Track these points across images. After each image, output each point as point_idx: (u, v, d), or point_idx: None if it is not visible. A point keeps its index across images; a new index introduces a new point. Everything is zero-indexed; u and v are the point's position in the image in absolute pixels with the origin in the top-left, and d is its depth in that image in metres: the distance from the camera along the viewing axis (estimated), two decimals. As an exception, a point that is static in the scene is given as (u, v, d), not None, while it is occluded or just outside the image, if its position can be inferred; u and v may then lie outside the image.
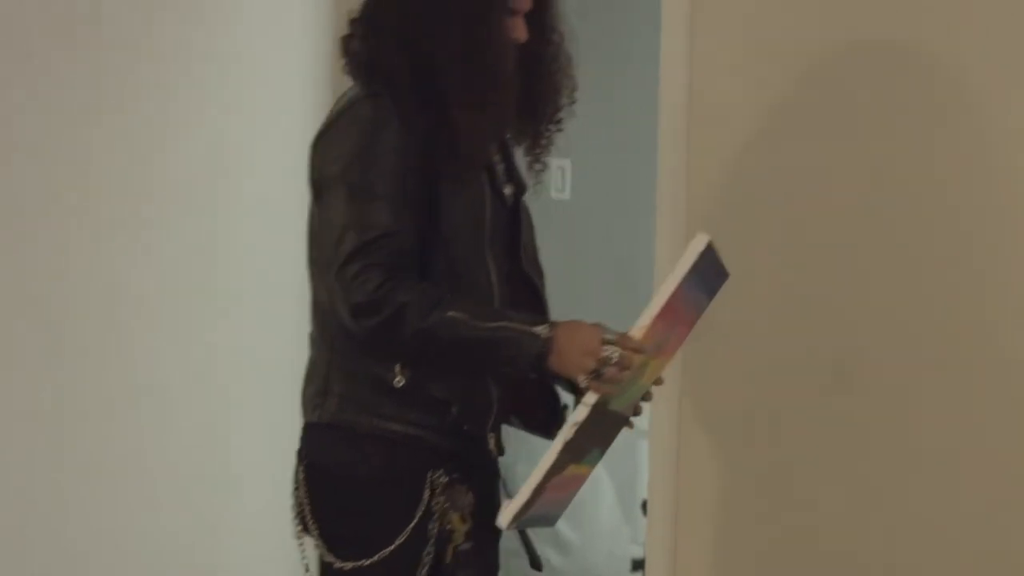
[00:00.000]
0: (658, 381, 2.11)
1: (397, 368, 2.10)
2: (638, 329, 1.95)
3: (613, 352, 1.95)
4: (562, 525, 3.91)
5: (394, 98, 2.10)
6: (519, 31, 2.15)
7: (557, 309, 1.99)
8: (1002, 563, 2.45)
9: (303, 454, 2.16)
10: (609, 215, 3.90)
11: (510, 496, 2.01)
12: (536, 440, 2.26)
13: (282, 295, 2.86)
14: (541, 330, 2.02)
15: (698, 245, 1.91)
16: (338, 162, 2.10)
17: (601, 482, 3.85)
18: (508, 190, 2.23)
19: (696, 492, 2.74)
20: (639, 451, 3.72)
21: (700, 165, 2.67)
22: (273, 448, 2.48)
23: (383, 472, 2.13)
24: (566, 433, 1.96)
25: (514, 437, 2.27)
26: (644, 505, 3.66)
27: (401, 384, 2.11)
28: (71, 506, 2.71)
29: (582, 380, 1.97)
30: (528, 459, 4.03)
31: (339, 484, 2.16)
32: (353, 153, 2.09)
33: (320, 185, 2.12)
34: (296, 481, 2.16)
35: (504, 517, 1.95)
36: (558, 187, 4.01)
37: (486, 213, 2.16)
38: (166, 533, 2.90)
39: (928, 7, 2.46)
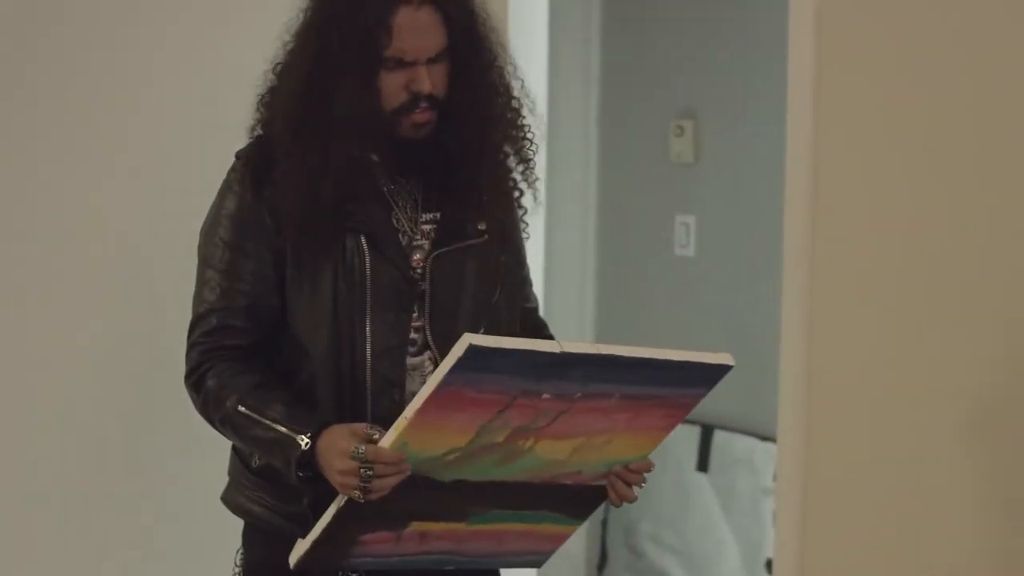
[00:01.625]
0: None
1: None
2: (386, 438, 1.81)
3: (365, 472, 1.80)
4: (686, 584, 3.90)
5: (247, 159, 2.05)
6: (419, 82, 1.97)
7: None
8: None
9: None
10: (735, 273, 3.87)
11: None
12: (666, 501, 2.20)
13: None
14: (303, 438, 1.89)
15: (458, 349, 1.73)
16: (201, 231, 2.08)
17: (725, 541, 3.82)
18: (419, 254, 2.05)
19: (823, 552, 2.70)
20: (764, 509, 3.68)
21: (827, 222, 2.65)
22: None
23: (256, 560, 2.09)
24: (338, 500, 1.87)
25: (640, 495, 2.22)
26: (769, 564, 3.61)
27: (257, 465, 2.07)
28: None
29: (355, 495, 1.82)
30: (652, 518, 4.04)
31: (244, 569, 2.14)
32: (205, 222, 2.07)
33: None
34: None
35: (291, 557, 1.92)
36: (682, 243, 4.00)
37: (360, 279, 2.00)
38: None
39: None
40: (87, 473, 2.84)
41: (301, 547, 1.92)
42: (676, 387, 1.89)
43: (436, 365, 1.98)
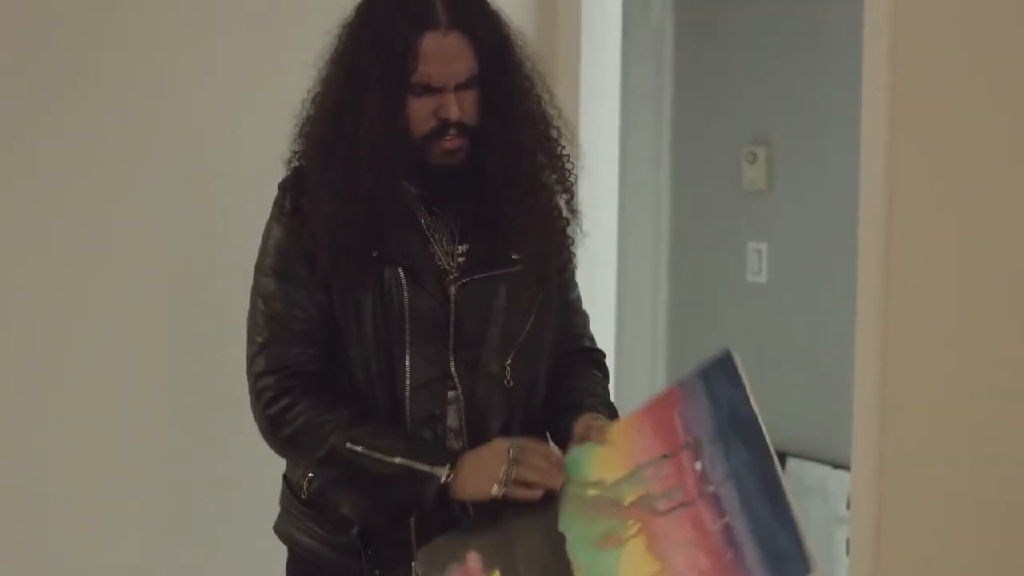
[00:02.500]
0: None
1: (307, 479, 2.04)
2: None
3: (519, 453, 1.87)
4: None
5: (287, 188, 2.04)
6: (447, 109, 1.95)
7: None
8: None
9: None
10: (807, 299, 3.85)
11: None
12: None
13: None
14: (441, 471, 1.89)
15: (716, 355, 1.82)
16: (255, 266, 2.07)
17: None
18: (454, 288, 2.02)
19: (897, 582, 2.68)
20: (837, 537, 3.65)
21: (902, 249, 2.63)
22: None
23: None
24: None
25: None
26: (843, 594, 3.59)
27: (305, 497, 2.05)
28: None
29: (495, 491, 1.86)
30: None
31: None
32: (259, 252, 2.06)
33: None
34: None
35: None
36: (754, 270, 3.99)
37: (399, 312, 1.98)
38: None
39: None
40: (138, 499, 2.86)
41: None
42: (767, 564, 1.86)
43: (460, 396, 2.00)
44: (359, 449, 1.91)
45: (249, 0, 2.95)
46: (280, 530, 2.12)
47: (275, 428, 1.98)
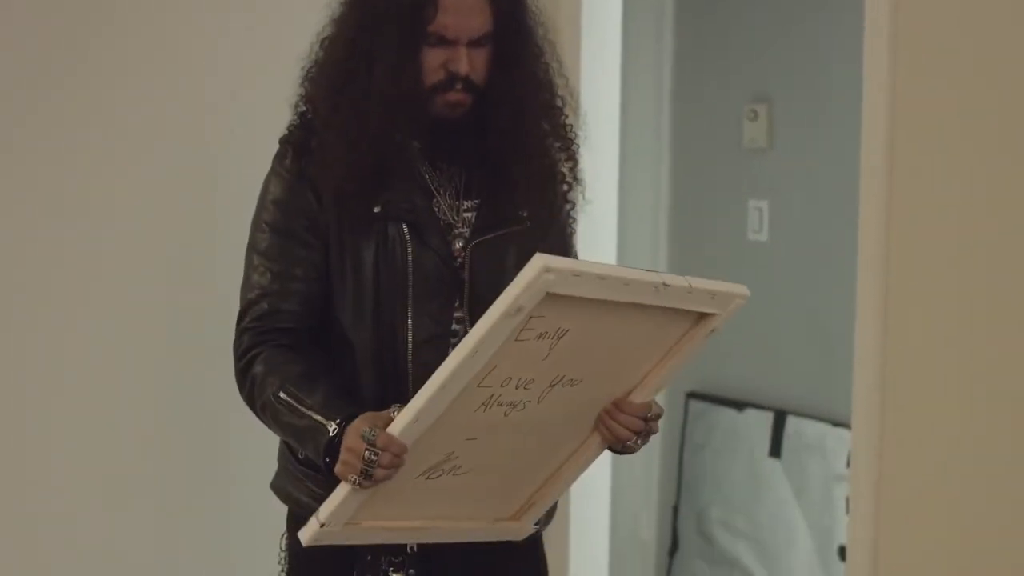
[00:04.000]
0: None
1: None
2: (396, 425, 1.74)
3: (371, 456, 1.73)
4: (757, 570, 3.89)
5: (288, 139, 2.04)
6: (457, 62, 1.96)
7: (744, 359, 1.86)
8: None
9: None
10: (808, 258, 3.85)
11: None
12: (738, 486, 2.20)
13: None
14: (332, 424, 1.83)
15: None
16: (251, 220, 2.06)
17: (797, 527, 3.80)
18: (467, 249, 2.02)
19: (897, 539, 2.69)
20: (836, 495, 3.66)
21: (903, 206, 2.63)
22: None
23: (300, 545, 1.99)
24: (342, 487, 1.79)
25: (709, 481, 2.21)
26: (842, 551, 3.59)
27: (302, 456, 2.02)
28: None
29: (351, 480, 1.76)
30: (724, 504, 4.02)
31: (290, 557, 2.13)
32: (256, 208, 2.05)
33: None
34: None
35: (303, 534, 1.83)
36: (755, 228, 3.98)
37: (402, 267, 1.98)
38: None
39: None
40: (138, 498, 2.88)
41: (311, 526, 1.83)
42: None
43: None
44: (287, 399, 1.90)
45: (249, 0, 2.94)
46: (277, 488, 2.13)
47: (240, 380, 1.99)
